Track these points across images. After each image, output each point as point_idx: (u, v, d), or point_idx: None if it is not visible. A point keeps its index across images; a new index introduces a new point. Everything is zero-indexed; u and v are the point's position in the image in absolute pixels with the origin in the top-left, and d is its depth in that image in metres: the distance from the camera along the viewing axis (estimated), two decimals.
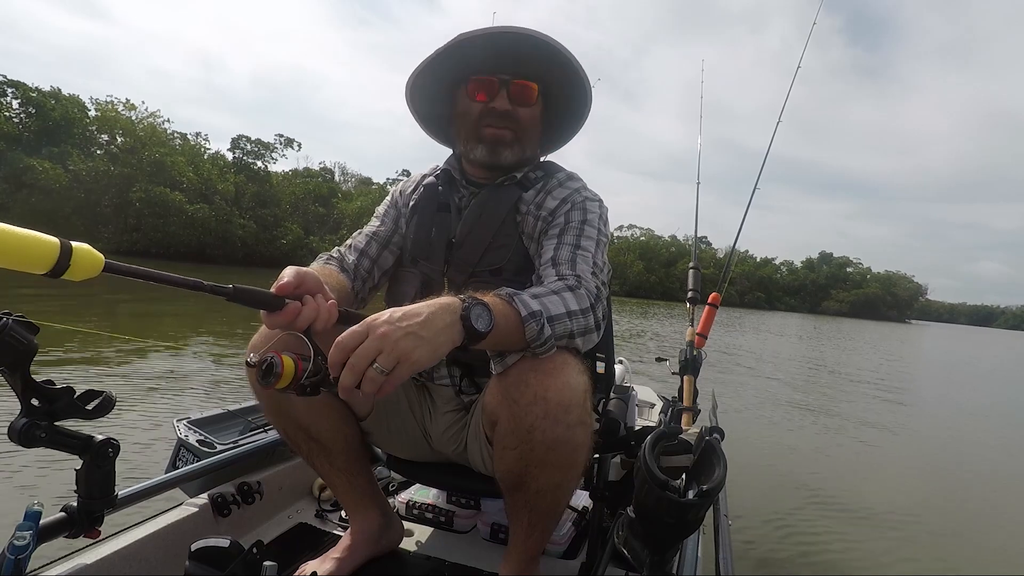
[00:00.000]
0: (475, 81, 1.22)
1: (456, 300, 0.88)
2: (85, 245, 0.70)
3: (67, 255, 0.67)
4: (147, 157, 29.94)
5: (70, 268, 0.67)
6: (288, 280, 0.87)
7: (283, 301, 0.85)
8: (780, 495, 3.43)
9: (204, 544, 0.97)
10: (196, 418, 2.01)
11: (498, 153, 1.24)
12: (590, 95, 1.27)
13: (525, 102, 1.23)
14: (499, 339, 0.92)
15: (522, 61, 1.20)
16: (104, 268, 0.71)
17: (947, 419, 7.11)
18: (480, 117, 1.23)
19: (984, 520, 3.49)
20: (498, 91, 1.21)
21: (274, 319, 0.85)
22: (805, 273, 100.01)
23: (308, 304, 0.86)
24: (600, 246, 1.20)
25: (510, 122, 1.22)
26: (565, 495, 1.12)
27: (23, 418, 0.84)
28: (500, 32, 1.16)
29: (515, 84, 1.21)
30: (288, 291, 0.86)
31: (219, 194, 32.44)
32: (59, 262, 0.66)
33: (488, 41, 1.18)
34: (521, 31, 1.16)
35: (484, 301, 0.89)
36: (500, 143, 1.23)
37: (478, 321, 0.86)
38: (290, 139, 38.01)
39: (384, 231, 1.36)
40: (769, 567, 2.49)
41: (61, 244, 0.67)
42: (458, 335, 0.86)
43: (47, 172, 26.18)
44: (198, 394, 4.25)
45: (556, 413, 0.97)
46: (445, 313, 0.85)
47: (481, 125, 1.23)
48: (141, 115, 33.12)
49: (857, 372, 11.04)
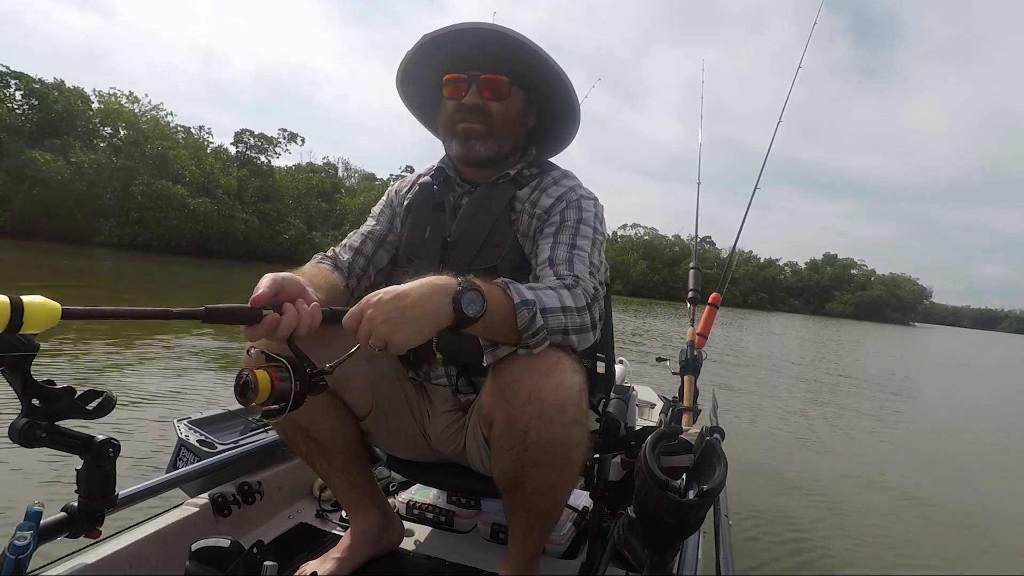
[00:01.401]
0: (448, 79, 1.24)
1: (452, 282, 0.89)
2: (37, 298, 0.68)
3: (19, 312, 0.65)
4: (150, 150, 29.98)
5: (24, 324, 0.66)
6: (263, 291, 0.86)
7: (260, 313, 0.84)
8: (781, 495, 3.42)
9: (205, 544, 0.98)
10: (196, 418, 2.01)
11: (471, 147, 1.24)
12: (571, 87, 1.25)
13: (497, 96, 1.23)
14: (491, 325, 0.93)
15: (489, 57, 1.21)
16: (62, 315, 0.69)
17: (949, 420, 7.10)
18: (453, 113, 1.24)
19: (985, 520, 3.49)
20: (468, 87, 1.22)
21: (254, 331, 0.85)
22: (809, 274, 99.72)
23: (287, 312, 0.86)
24: (596, 245, 1.20)
25: (482, 116, 1.23)
26: (562, 495, 1.12)
27: (24, 418, 0.84)
28: (463, 29, 1.17)
29: (484, 79, 1.21)
30: (264, 302, 0.86)
31: (221, 188, 32.43)
32: (11, 321, 0.65)
33: (452, 39, 1.19)
34: (483, 26, 1.16)
35: (478, 287, 0.90)
36: (471, 136, 1.23)
37: (469, 306, 0.87)
38: (293, 134, 38.04)
39: (379, 230, 1.37)
40: (770, 567, 2.49)
41: (11, 301, 0.65)
42: (446, 318, 0.87)
43: (48, 164, 26.08)
44: (199, 394, 4.25)
45: (550, 413, 0.97)
46: (436, 295, 0.87)
47: (455, 121, 1.25)
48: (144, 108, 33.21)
49: (862, 376, 11.01)
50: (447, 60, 1.22)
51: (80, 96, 30.59)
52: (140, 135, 30.98)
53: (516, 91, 1.25)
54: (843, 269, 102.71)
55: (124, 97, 32.38)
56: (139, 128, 31.46)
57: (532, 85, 1.26)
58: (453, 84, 1.23)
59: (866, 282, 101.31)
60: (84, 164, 27.69)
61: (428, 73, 1.27)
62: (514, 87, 1.24)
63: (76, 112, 29.69)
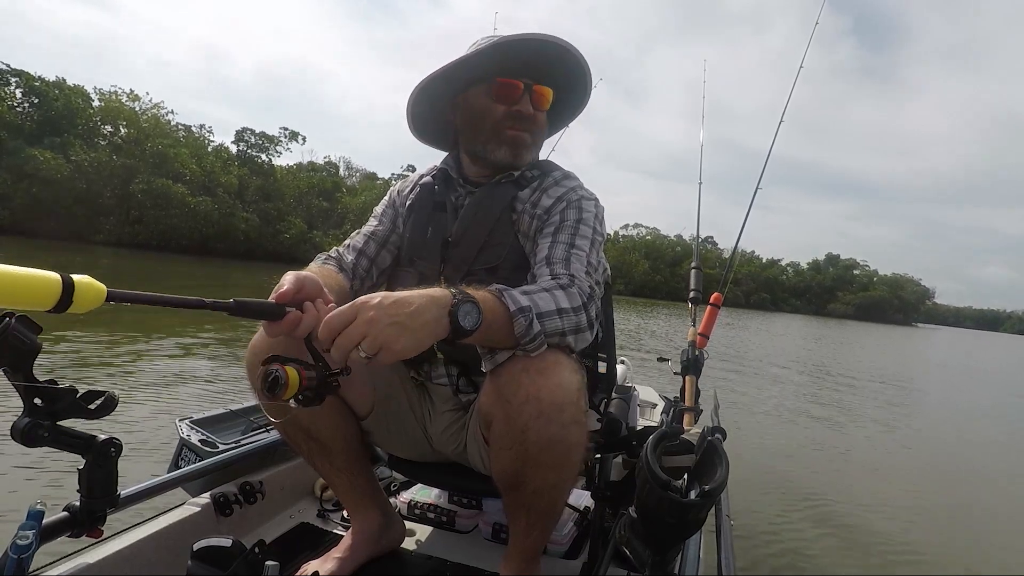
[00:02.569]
0: (501, 84, 1.23)
1: (447, 295, 0.89)
2: (86, 277, 0.69)
3: (69, 290, 0.67)
4: (150, 148, 29.84)
5: (73, 303, 0.67)
6: (288, 288, 0.87)
7: (284, 310, 0.86)
8: (782, 495, 3.42)
9: (206, 544, 0.98)
10: (198, 418, 2.01)
11: (520, 155, 1.27)
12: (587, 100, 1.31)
13: (543, 107, 1.26)
14: (488, 335, 0.93)
15: (543, 67, 1.23)
16: (107, 298, 0.71)
17: (951, 421, 7.09)
18: (503, 119, 1.24)
19: (985, 520, 3.48)
20: (522, 95, 1.23)
21: (275, 328, 0.86)
22: (811, 275, 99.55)
23: (308, 312, 0.88)
24: (595, 245, 1.20)
25: (530, 125, 1.25)
26: (562, 494, 1.12)
27: (26, 417, 0.84)
28: (529, 39, 1.18)
29: (537, 89, 1.23)
30: (288, 298, 0.87)
31: (222, 187, 32.25)
32: (62, 298, 0.67)
33: (517, 46, 1.19)
34: (549, 39, 1.18)
35: (474, 298, 0.90)
36: (522, 145, 1.26)
37: (465, 319, 0.88)
38: (295, 132, 37.88)
39: (382, 230, 1.37)
40: (771, 567, 2.49)
41: (63, 280, 0.67)
42: (443, 330, 0.87)
43: (48, 162, 25.91)
44: (200, 394, 4.26)
45: (549, 412, 0.97)
46: (434, 306, 0.86)
47: (504, 127, 1.24)
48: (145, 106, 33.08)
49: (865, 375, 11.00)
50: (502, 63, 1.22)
51: (81, 94, 30.48)
52: (141, 133, 30.88)
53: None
54: (845, 269, 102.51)
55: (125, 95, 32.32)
56: (140, 126, 31.36)
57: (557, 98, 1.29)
58: (507, 89, 1.23)
59: (868, 282, 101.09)
60: (84, 162, 27.57)
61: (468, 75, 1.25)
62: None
63: (76, 110, 29.58)
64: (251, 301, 0.84)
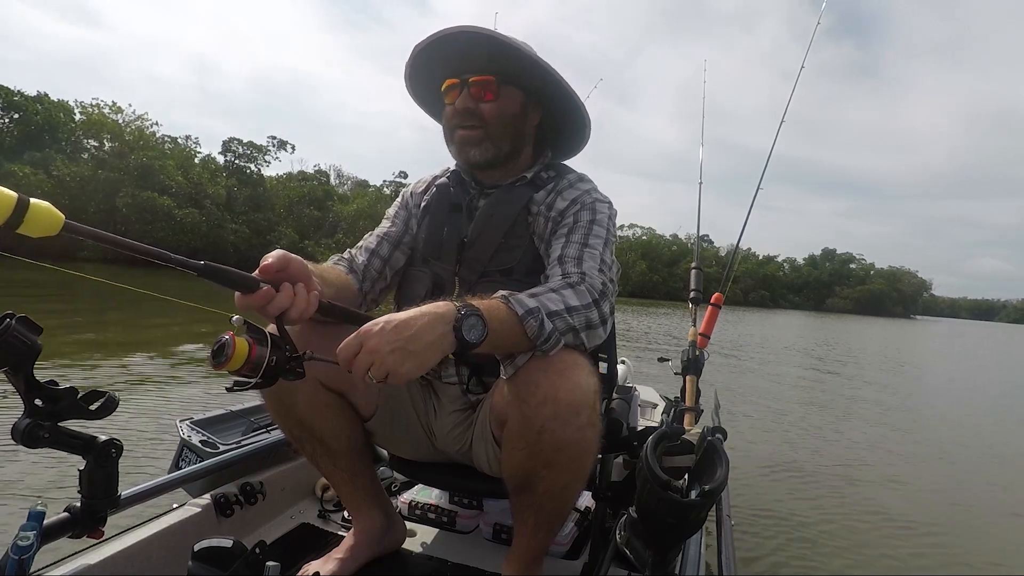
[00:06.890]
0: (445, 87, 1.25)
1: (451, 310, 0.88)
2: (46, 203, 0.70)
3: (23, 209, 0.67)
4: (135, 161, 29.28)
5: (24, 223, 0.67)
6: (271, 262, 0.87)
7: (257, 283, 0.84)
8: (783, 495, 3.42)
9: (207, 544, 0.98)
10: (199, 418, 2.01)
11: (465, 152, 1.26)
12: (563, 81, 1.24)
13: (487, 96, 1.22)
14: (499, 342, 0.93)
15: (481, 59, 1.20)
16: (63, 228, 0.71)
17: (953, 421, 7.09)
18: (451, 119, 1.26)
19: (986, 521, 3.48)
20: (460, 91, 1.23)
21: (245, 300, 0.85)
22: (808, 270, 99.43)
23: (284, 291, 0.86)
24: (608, 245, 1.21)
25: (475, 119, 1.23)
26: (572, 496, 1.12)
27: (26, 418, 0.84)
28: (446, 36, 1.17)
29: (473, 80, 1.21)
30: (270, 273, 0.86)
31: (210, 198, 31.62)
32: (12, 216, 0.67)
33: (440, 46, 1.19)
34: (465, 30, 1.15)
35: (479, 311, 0.89)
36: (467, 143, 1.25)
37: (470, 332, 0.87)
38: (283, 141, 37.44)
39: (395, 231, 1.37)
40: (771, 567, 2.49)
41: (19, 197, 0.67)
42: (449, 346, 0.87)
43: (28, 178, 25.07)
44: (201, 394, 4.26)
45: (566, 414, 0.97)
46: (437, 324, 0.86)
47: (452, 127, 1.26)
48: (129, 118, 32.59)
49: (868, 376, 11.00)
50: (444, 66, 1.23)
51: (63, 108, 29.96)
52: (125, 146, 30.29)
53: (509, 90, 1.24)
54: (842, 264, 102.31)
55: (108, 108, 31.74)
56: (123, 139, 30.79)
57: (531, 86, 1.26)
58: (448, 90, 1.25)
59: (865, 276, 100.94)
60: (66, 177, 26.97)
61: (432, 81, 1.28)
62: (506, 86, 1.23)
63: (58, 124, 29.07)
64: (223, 268, 0.83)
